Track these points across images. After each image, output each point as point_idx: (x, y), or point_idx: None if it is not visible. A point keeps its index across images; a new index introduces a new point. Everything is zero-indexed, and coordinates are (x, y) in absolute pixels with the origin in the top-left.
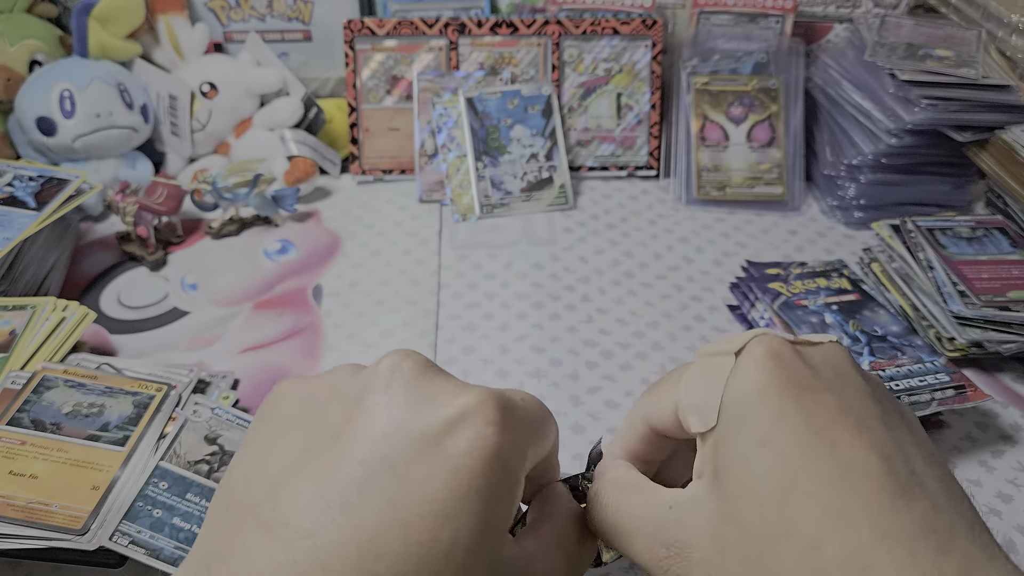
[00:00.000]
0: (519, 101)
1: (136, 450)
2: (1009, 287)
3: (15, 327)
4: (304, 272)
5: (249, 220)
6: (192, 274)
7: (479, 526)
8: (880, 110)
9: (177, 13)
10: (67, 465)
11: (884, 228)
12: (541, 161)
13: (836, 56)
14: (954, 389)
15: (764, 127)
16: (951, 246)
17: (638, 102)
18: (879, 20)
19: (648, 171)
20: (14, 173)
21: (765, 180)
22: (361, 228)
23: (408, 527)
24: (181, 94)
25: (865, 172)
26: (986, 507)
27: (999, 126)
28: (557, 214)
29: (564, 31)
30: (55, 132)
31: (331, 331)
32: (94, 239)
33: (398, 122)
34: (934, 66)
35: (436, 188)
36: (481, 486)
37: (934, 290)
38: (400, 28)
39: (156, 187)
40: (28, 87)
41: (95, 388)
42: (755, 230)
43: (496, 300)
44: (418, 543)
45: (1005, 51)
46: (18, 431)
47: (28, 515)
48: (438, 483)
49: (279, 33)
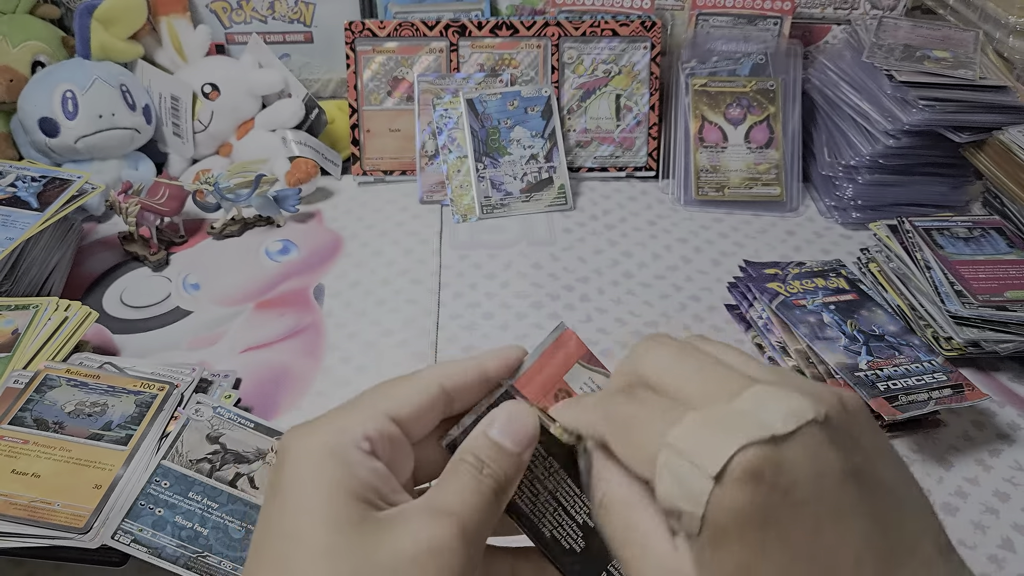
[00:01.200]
0: (519, 102)
1: (138, 449)
2: (1006, 287)
3: (18, 327)
4: (306, 272)
5: (251, 220)
6: (194, 274)
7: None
8: (878, 111)
9: (179, 15)
10: (69, 464)
11: (882, 228)
12: (541, 162)
13: (834, 57)
14: (951, 388)
15: (762, 128)
16: (948, 246)
17: (637, 103)
18: (877, 22)
19: (647, 172)
20: (17, 174)
21: (763, 181)
22: (362, 228)
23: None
24: (183, 95)
25: (863, 173)
26: (983, 506)
27: (996, 127)
28: (556, 214)
29: (563, 33)
30: (58, 133)
31: (332, 330)
32: (96, 239)
33: (399, 123)
34: (931, 67)
35: (437, 189)
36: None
37: (931, 290)
38: (401, 30)
39: (158, 188)
40: (31, 88)
41: (97, 387)
42: (753, 230)
43: (496, 300)
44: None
45: (1002, 52)
46: (21, 430)
47: (31, 514)
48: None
49: (281, 35)
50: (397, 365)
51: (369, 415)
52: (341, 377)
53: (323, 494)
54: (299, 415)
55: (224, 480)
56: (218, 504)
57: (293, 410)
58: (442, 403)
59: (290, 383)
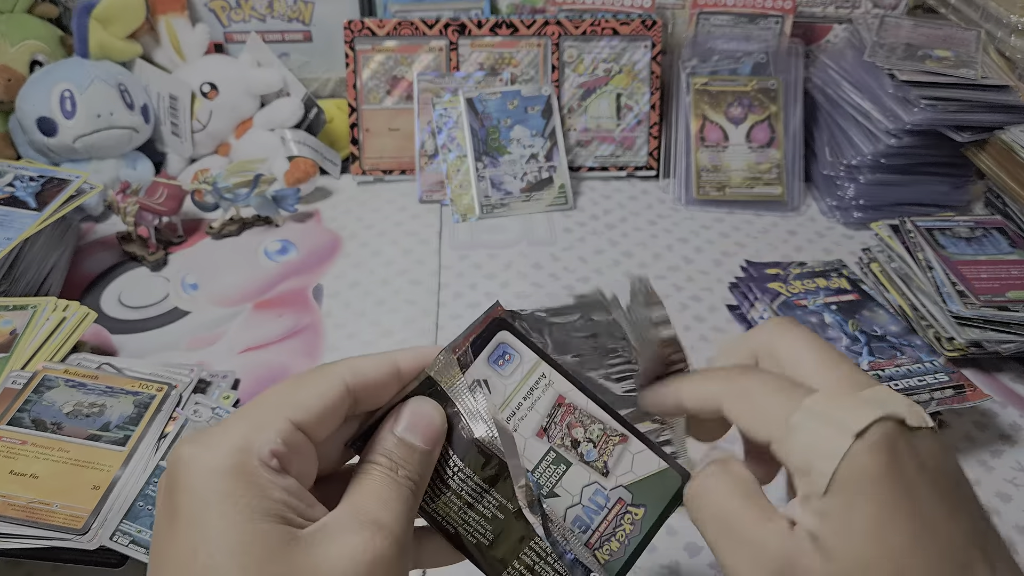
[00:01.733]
0: (519, 102)
1: (137, 450)
2: (1008, 287)
3: (16, 327)
4: (304, 272)
5: (250, 220)
6: (193, 274)
7: None
8: (879, 110)
9: (178, 14)
10: (68, 465)
11: (883, 228)
12: (541, 161)
13: (835, 57)
14: (953, 389)
15: (763, 127)
16: (950, 246)
17: (638, 102)
18: (878, 21)
19: (648, 171)
20: (15, 173)
21: (764, 180)
22: (361, 228)
23: None
24: (182, 94)
25: (864, 172)
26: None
27: (998, 126)
28: (557, 214)
29: (564, 32)
30: (56, 132)
31: (331, 331)
32: (95, 239)
33: (398, 122)
34: (933, 66)
35: (436, 188)
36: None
37: (933, 290)
38: (400, 29)
39: (157, 187)
40: (29, 87)
41: (96, 388)
42: (754, 230)
43: (496, 300)
44: None
45: (1004, 51)
46: (19, 431)
47: (29, 515)
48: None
49: (279, 34)
50: None
51: (272, 425)
52: None
53: (234, 520)
54: None
55: None
56: None
57: None
58: (347, 402)
59: None
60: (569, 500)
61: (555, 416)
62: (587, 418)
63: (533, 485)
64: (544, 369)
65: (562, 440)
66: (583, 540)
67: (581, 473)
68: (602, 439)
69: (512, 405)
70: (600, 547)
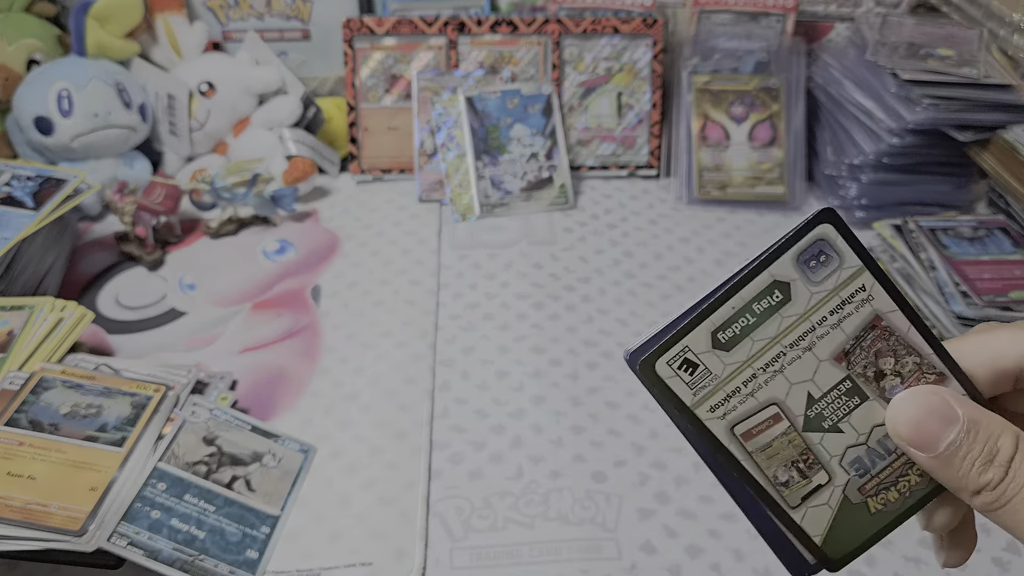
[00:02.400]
0: (519, 100)
1: (134, 451)
2: (1011, 287)
3: (13, 327)
4: (303, 272)
5: (247, 220)
6: (190, 274)
7: None
8: (882, 110)
9: (176, 12)
10: (65, 466)
11: (886, 228)
12: (541, 160)
13: (837, 55)
14: None
15: (765, 126)
16: (953, 246)
17: (639, 101)
18: (880, 19)
19: (649, 170)
20: (12, 173)
21: (766, 180)
22: (360, 228)
23: None
24: (179, 93)
25: (867, 172)
26: None
27: (1000, 126)
28: (557, 214)
29: (564, 30)
30: (53, 131)
31: (330, 331)
32: (92, 239)
33: (397, 121)
34: (936, 65)
35: (435, 188)
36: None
37: (936, 290)
38: (399, 27)
39: (154, 187)
40: (26, 86)
41: (93, 389)
42: (756, 230)
43: (496, 300)
44: None
45: (1007, 50)
46: (16, 432)
47: (26, 516)
48: None
49: (278, 32)
50: (395, 367)
51: None
52: (338, 379)
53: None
54: (296, 417)
55: (221, 482)
56: (215, 507)
57: (290, 412)
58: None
59: (287, 385)
60: (853, 438)
61: (864, 340)
62: (903, 347)
63: (813, 416)
64: (865, 280)
65: (864, 369)
66: (857, 485)
67: (876, 410)
68: (914, 375)
69: (813, 319)
70: (875, 495)
